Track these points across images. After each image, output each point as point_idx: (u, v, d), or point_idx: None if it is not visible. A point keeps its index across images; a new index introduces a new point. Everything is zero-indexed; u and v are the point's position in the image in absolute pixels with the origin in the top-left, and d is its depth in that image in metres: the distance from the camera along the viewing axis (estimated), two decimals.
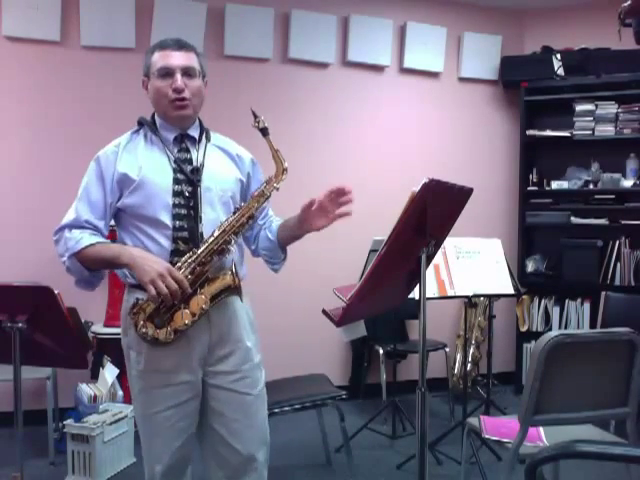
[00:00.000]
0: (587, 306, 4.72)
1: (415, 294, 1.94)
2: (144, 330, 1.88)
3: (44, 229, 4.05)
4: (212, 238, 1.89)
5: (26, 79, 4.06)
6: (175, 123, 2.01)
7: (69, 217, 1.99)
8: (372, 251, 3.99)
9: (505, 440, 2.40)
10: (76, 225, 1.96)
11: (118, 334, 3.88)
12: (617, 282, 4.60)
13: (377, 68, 4.77)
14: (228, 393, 1.98)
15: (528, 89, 4.83)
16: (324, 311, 1.82)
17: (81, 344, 2.20)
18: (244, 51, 4.39)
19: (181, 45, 1.99)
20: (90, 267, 1.94)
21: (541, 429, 2.45)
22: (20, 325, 1.99)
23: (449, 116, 4.97)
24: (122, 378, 3.82)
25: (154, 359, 1.93)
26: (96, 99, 4.16)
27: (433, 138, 4.93)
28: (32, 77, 4.06)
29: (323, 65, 4.64)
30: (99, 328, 3.93)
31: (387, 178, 4.66)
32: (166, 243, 1.93)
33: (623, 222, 4.61)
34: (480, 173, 4.91)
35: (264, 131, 1.94)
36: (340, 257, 4.33)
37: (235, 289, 1.90)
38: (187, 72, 1.97)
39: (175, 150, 2.00)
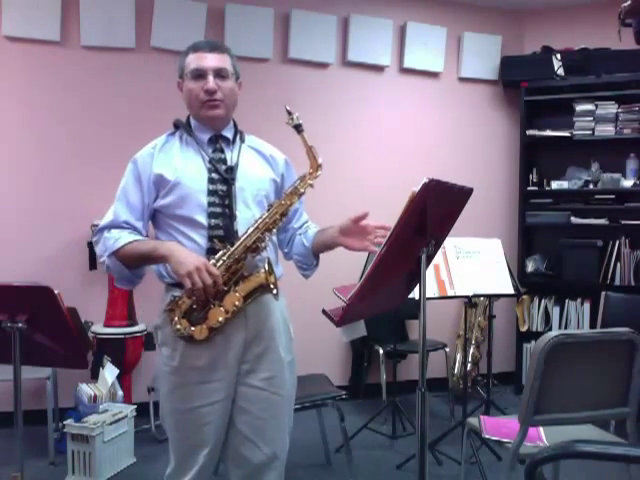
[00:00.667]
0: (587, 306, 4.72)
1: (415, 294, 1.94)
2: (178, 327, 1.89)
3: (44, 229, 4.08)
4: (245, 235, 1.91)
5: (26, 79, 4.06)
6: (208, 124, 2.04)
7: (108, 218, 2.01)
8: None
9: (505, 440, 2.40)
10: (114, 225, 1.99)
11: (118, 334, 3.95)
12: (617, 282, 4.60)
13: (377, 68, 4.77)
14: (257, 391, 1.99)
15: (528, 89, 4.83)
16: (324, 311, 1.82)
17: (81, 344, 2.20)
18: (244, 51, 4.38)
19: (214, 47, 2.02)
20: (129, 265, 1.96)
21: (541, 429, 2.46)
22: (20, 325, 1.99)
23: (449, 116, 4.97)
24: (122, 378, 3.82)
25: (190, 356, 1.93)
26: (96, 99, 4.16)
27: (433, 138, 4.93)
28: (32, 77, 4.06)
29: (323, 65, 4.64)
30: (99, 328, 3.93)
31: (387, 178, 4.66)
32: (202, 241, 1.95)
33: (623, 222, 4.61)
34: (480, 173, 4.91)
35: (298, 128, 1.95)
36: (340, 257, 4.32)
37: (268, 287, 1.90)
38: (219, 73, 2.00)
39: (210, 150, 2.03)
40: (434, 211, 1.69)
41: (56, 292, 1.96)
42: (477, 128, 5.04)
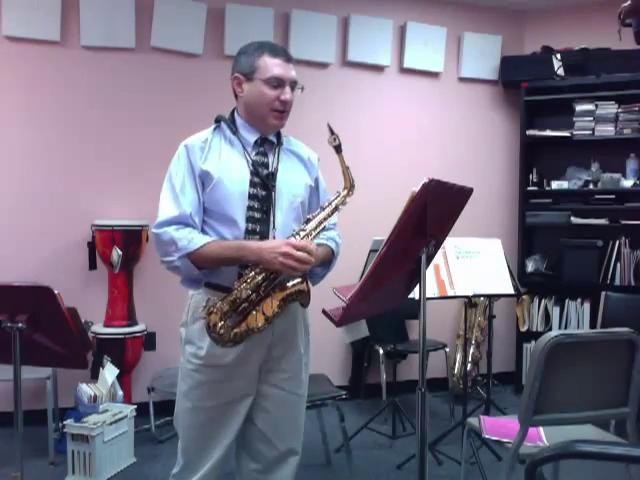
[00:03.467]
0: (587, 306, 4.72)
1: (415, 294, 1.94)
2: (222, 332, 1.87)
3: (44, 229, 4.08)
4: None
5: (26, 79, 4.05)
6: (266, 129, 2.04)
7: (171, 212, 1.95)
8: (372, 251, 3.99)
9: (505, 440, 2.40)
10: (181, 222, 1.94)
11: (118, 334, 3.95)
12: (617, 282, 4.60)
13: (377, 68, 4.77)
14: (277, 391, 2.04)
15: (528, 89, 4.83)
16: (324, 311, 1.82)
17: (81, 344, 2.20)
18: None
19: (289, 57, 2.05)
20: (202, 266, 1.94)
21: (541, 429, 2.45)
22: (20, 325, 1.99)
23: (449, 116, 4.97)
24: (122, 378, 3.82)
25: (215, 354, 1.96)
26: (96, 99, 4.16)
27: (433, 138, 4.92)
28: (32, 77, 4.06)
29: (323, 65, 4.64)
30: (99, 328, 3.93)
31: (387, 178, 4.66)
32: None
33: (623, 222, 4.61)
34: (480, 173, 4.90)
35: (337, 148, 1.97)
36: (340, 257, 4.34)
37: (306, 295, 1.95)
38: (292, 86, 2.05)
39: (253, 153, 2.03)
40: (434, 211, 1.69)
41: (56, 292, 1.96)
42: (477, 128, 5.04)
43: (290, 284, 1.93)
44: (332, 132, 1.96)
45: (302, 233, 1.94)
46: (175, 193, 1.96)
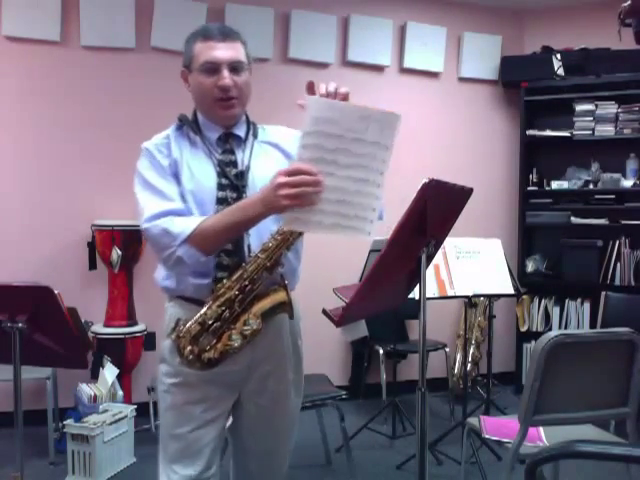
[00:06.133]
0: (587, 306, 4.72)
1: (415, 294, 1.94)
2: (191, 357, 1.68)
3: (44, 229, 4.08)
4: (264, 254, 1.68)
5: (26, 79, 4.05)
6: (220, 122, 1.82)
7: (159, 206, 1.71)
8: (372, 251, 3.99)
9: (505, 440, 2.40)
10: (173, 212, 1.70)
11: (118, 334, 3.94)
12: (617, 282, 4.60)
13: (377, 68, 4.77)
14: (261, 410, 1.87)
15: (528, 89, 4.83)
16: (324, 311, 1.82)
17: (81, 344, 2.20)
18: None
19: (226, 34, 1.77)
20: (207, 248, 1.67)
21: (541, 429, 2.45)
22: (20, 325, 1.99)
23: (449, 116, 4.97)
24: (122, 378, 3.82)
25: (185, 372, 1.75)
26: (96, 99, 4.16)
27: (433, 138, 4.92)
28: (32, 77, 4.06)
29: (323, 65, 4.63)
30: (99, 328, 3.93)
31: (386, 178, 4.65)
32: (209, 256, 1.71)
33: (623, 222, 4.61)
34: (480, 173, 4.90)
35: None
36: (340, 257, 4.33)
37: (289, 306, 1.75)
38: (234, 67, 1.76)
39: (219, 152, 1.81)
40: (434, 211, 1.69)
41: (56, 292, 1.96)
42: (477, 128, 5.04)
43: (269, 297, 1.72)
44: None
45: (279, 237, 1.68)
46: (155, 189, 1.74)
